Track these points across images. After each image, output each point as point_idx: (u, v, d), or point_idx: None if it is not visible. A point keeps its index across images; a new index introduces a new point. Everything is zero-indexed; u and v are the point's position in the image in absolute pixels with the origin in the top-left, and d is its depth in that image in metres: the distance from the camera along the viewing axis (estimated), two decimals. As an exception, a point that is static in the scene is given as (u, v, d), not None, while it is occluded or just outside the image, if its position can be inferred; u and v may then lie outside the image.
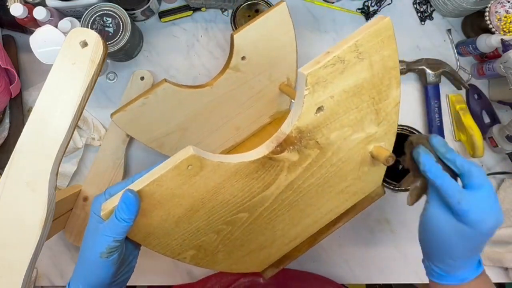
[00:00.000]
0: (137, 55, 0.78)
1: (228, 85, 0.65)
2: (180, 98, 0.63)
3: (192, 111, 0.65)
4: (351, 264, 0.76)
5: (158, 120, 0.63)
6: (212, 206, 0.44)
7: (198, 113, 0.66)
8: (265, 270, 0.60)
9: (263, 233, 0.52)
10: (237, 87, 0.65)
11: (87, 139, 0.75)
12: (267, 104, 0.70)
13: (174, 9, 0.78)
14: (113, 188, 0.44)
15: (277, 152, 0.43)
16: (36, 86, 0.78)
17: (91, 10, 0.67)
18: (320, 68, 0.39)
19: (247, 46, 0.62)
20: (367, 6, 0.80)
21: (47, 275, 0.76)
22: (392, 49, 0.42)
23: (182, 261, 0.49)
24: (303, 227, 0.57)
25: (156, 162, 0.70)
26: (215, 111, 0.67)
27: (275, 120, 0.74)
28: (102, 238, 0.40)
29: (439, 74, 0.75)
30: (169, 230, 0.44)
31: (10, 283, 0.44)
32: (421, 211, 0.76)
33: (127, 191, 0.38)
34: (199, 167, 0.40)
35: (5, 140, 0.76)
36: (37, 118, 0.46)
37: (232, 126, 0.70)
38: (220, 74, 0.64)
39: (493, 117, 0.77)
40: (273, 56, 0.64)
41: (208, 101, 0.65)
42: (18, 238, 0.45)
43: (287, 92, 0.67)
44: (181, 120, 0.65)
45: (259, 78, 0.66)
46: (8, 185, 0.45)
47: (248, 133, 0.72)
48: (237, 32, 0.60)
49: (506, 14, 0.68)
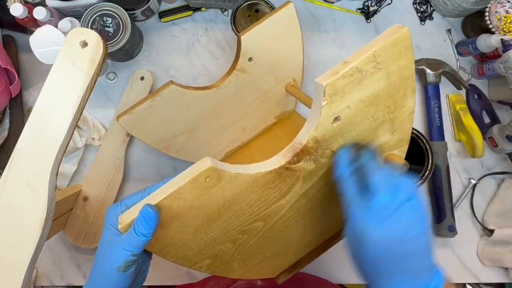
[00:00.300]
0: (137, 55, 0.78)
1: (234, 87, 0.65)
2: (187, 100, 0.63)
3: (198, 112, 0.65)
4: (351, 264, 0.76)
5: (165, 122, 0.63)
6: (228, 217, 0.44)
7: (204, 115, 0.66)
8: (278, 276, 0.59)
9: (278, 240, 0.52)
10: (243, 88, 0.65)
11: (87, 139, 0.75)
12: (273, 105, 0.70)
13: (174, 9, 0.78)
14: (129, 199, 0.43)
15: (293, 162, 0.43)
16: (36, 86, 0.78)
17: (91, 10, 0.67)
18: (338, 79, 0.38)
19: (254, 48, 0.62)
20: (367, 6, 0.80)
21: (47, 275, 0.76)
22: (409, 59, 0.41)
23: (198, 270, 0.49)
24: (318, 233, 0.57)
25: (156, 162, 0.71)
26: (221, 112, 0.67)
27: (280, 120, 0.74)
28: (120, 251, 0.40)
29: (439, 74, 0.75)
30: (186, 241, 0.44)
31: (10, 283, 0.44)
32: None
33: (147, 206, 0.38)
34: (217, 179, 0.40)
35: (5, 140, 0.76)
36: (37, 118, 0.46)
37: (239, 127, 0.70)
38: (227, 75, 0.64)
39: (493, 117, 0.77)
40: (280, 57, 0.64)
41: (215, 102, 0.65)
42: (18, 238, 0.45)
43: (293, 93, 0.67)
44: (188, 121, 0.65)
45: (266, 79, 0.66)
46: (8, 185, 0.45)
47: (254, 134, 0.73)
48: (244, 33, 0.60)
49: (506, 14, 0.68)
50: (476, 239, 0.76)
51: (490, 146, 0.76)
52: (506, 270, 0.75)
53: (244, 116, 0.69)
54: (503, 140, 0.72)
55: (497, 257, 0.73)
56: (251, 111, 0.69)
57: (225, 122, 0.68)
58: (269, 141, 0.73)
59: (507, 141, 0.71)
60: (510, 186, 0.75)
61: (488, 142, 0.76)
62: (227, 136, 0.70)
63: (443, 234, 0.73)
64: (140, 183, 0.77)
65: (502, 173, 0.77)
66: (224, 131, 0.69)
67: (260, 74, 0.65)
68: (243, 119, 0.70)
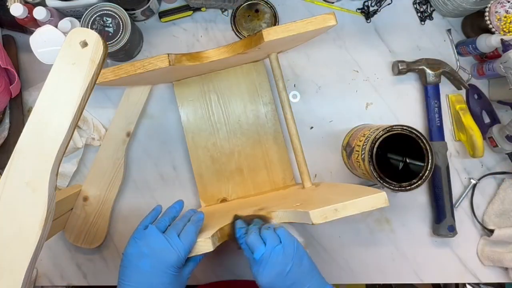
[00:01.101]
0: (137, 55, 0.78)
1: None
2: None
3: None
4: (351, 264, 0.76)
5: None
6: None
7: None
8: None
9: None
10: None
11: (87, 139, 0.75)
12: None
13: (174, 9, 0.78)
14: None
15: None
16: (36, 86, 0.78)
17: (91, 10, 0.67)
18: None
19: None
20: (367, 6, 0.80)
21: (47, 275, 0.76)
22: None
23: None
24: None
25: (156, 162, 0.70)
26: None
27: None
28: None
29: (439, 74, 0.75)
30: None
31: (10, 283, 0.44)
32: (422, 212, 0.77)
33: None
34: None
35: (5, 140, 0.76)
36: (37, 118, 0.46)
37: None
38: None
39: (493, 117, 0.77)
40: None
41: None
42: (18, 238, 0.45)
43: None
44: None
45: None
46: (8, 185, 0.45)
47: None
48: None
49: (506, 14, 0.68)
50: (476, 239, 0.76)
51: (490, 146, 0.76)
52: (506, 270, 0.75)
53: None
54: (503, 140, 0.72)
55: (497, 257, 0.73)
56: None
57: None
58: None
59: (507, 141, 0.71)
60: (510, 186, 0.75)
61: (488, 142, 0.76)
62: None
63: (443, 234, 0.73)
64: (140, 183, 0.77)
65: (502, 173, 0.77)
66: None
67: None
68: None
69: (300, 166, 0.67)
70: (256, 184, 0.74)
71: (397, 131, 0.64)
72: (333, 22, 0.58)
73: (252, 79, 0.75)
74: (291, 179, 0.74)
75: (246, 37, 0.63)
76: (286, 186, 0.74)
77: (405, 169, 0.74)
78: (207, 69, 0.71)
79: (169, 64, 0.56)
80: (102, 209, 0.74)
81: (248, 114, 0.74)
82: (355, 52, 0.79)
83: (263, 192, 0.74)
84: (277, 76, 0.67)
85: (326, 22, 0.58)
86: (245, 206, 0.65)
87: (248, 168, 0.74)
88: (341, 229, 0.77)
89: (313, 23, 0.58)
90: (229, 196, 0.74)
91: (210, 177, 0.74)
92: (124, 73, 0.58)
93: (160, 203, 0.74)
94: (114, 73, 0.58)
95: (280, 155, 0.74)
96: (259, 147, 0.74)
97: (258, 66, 0.75)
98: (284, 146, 0.74)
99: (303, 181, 0.67)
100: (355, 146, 0.69)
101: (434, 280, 0.76)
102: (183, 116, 0.74)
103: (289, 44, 0.67)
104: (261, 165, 0.74)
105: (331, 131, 0.78)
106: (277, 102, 0.74)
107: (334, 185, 0.67)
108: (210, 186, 0.74)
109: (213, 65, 0.66)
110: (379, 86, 0.79)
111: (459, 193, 0.77)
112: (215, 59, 0.62)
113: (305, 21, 0.58)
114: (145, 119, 0.78)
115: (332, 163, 0.78)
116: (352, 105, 0.78)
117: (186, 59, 0.60)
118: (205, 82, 0.74)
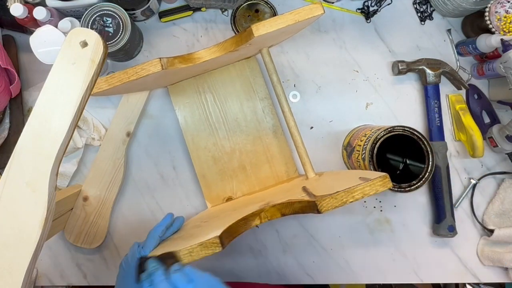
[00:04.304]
0: (137, 55, 0.78)
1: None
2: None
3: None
4: (351, 264, 0.76)
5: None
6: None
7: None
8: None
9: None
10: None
11: (87, 139, 0.75)
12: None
13: (174, 9, 0.78)
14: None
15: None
16: (36, 86, 0.78)
17: (91, 10, 0.67)
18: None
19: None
20: (367, 6, 0.80)
21: (47, 275, 0.76)
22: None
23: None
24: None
25: (156, 162, 0.70)
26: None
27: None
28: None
29: (439, 74, 0.75)
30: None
31: (10, 283, 0.44)
32: (422, 212, 0.77)
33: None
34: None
35: (5, 140, 0.76)
36: (37, 118, 0.46)
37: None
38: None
39: (493, 117, 0.77)
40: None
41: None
42: (18, 238, 0.45)
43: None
44: None
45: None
46: (8, 185, 0.45)
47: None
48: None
49: (506, 14, 0.68)
50: (476, 239, 0.76)
51: (490, 146, 0.76)
52: (506, 270, 0.75)
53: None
54: (503, 140, 0.72)
55: (497, 257, 0.73)
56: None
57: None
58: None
59: (507, 141, 0.71)
60: (510, 186, 0.75)
61: (488, 142, 0.76)
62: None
63: (443, 234, 0.73)
64: (140, 183, 0.77)
65: (502, 173, 0.77)
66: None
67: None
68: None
69: (302, 157, 0.66)
70: (260, 180, 0.74)
71: (398, 132, 0.64)
72: (320, 11, 0.57)
73: (246, 75, 0.75)
74: (294, 171, 0.74)
75: (236, 34, 0.63)
76: (290, 179, 0.74)
77: (405, 170, 0.74)
78: (201, 69, 0.71)
79: (162, 68, 0.56)
80: (102, 209, 0.74)
81: (245, 111, 0.74)
82: (355, 52, 0.79)
83: (268, 187, 0.74)
84: (271, 70, 0.67)
85: (313, 12, 0.57)
86: (251, 202, 0.65)
87: (251, 165, 0.74)
88: (341, 229, 0.77)
89: (301, 14, 0.58)
90: (234, 194, 0.74)
91: (214, 177, 0.74)
92: (117, 82, 0.58)
93: (160, 203, 0.75)
94: (107, 82, 0.58)
95: (281, 149, 0.74)
96: (260, 143, 0.74)
97: (251, 63, 0.75)
98: (284, 139, 0.74)
99: (306, 172, 0.67)
100: (356, 146, 0.69)
101: (434, 280, 0.76)
102: (181, 119, 0.74)
103: (279, 37, 0.67)
104: (263, 160, 0.74)
105: (331, 131, 0.78)
106: (273, 97, 0.74)
107: (337, 173, 0.67)
108: (215, 186, 0.74)
109: (206, 65, 0.66)
110: (379, 86, 0.79)
111: (459, 193, 0.77)
112: (207, 59, 0.62)
113: (293, 13, 0.58)
114: (145, 119, 0.78)
115: (332, 163, 0.78)
116: (352, 105, 0.78)
117: (178, 62, 0.60)
118: (200, 83, 0.74)
